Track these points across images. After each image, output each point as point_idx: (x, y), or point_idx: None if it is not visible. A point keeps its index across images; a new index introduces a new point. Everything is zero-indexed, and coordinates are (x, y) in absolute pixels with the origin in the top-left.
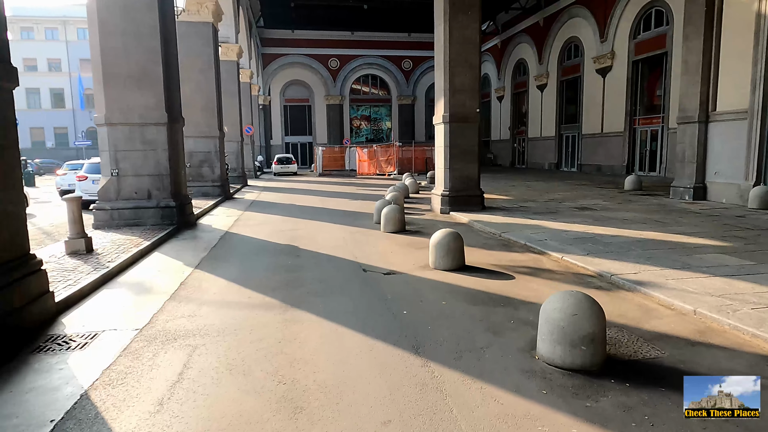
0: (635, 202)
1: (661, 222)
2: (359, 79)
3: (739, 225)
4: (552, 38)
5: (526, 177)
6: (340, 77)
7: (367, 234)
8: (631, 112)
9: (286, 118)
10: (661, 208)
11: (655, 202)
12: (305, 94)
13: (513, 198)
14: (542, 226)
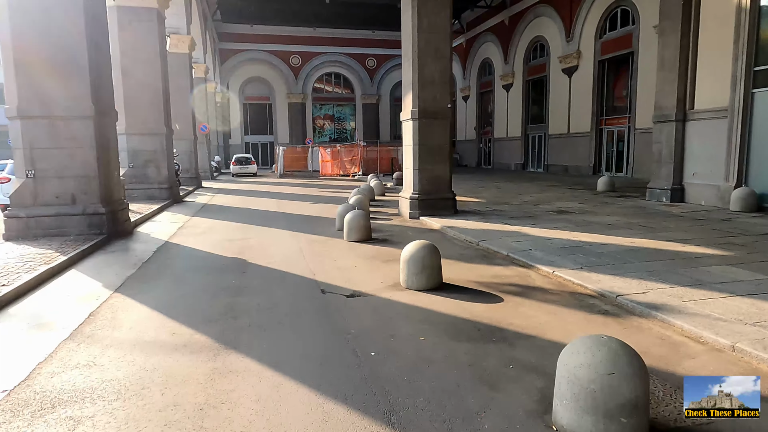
0: (612, 204)
1: (647, 227)
2: (322, 77)
3: (729, 230)
4: (517, 37)
5: (494, 178)
6: (302, 75)
7: (328, 244)
8: (598, 112)
9: (246, 116)
10: (641, 211)
11: (632, 204)
12: (266, 91)
13: (485, 200)
14: (522, 232)
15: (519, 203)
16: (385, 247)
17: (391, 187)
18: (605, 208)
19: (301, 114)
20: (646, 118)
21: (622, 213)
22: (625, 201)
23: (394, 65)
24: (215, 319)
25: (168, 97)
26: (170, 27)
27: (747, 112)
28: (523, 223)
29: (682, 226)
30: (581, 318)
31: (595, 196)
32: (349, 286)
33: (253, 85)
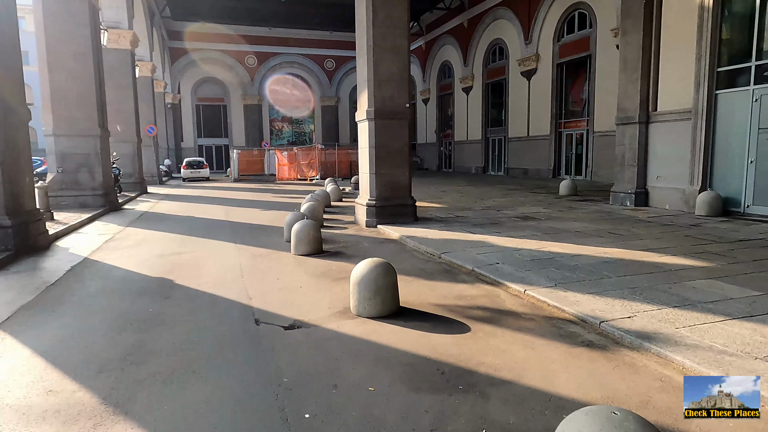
0: (577, 209)
1: (616, 234)
2: (279, 79)
3: (701, 237)
4: (477, 40)
5: (455, 181)
6: (258, 76)
7: (273, 258)
8: (557, 115)
9: (199, 118)
10: (607, 216)
11: (597, 209)
12: (220, 93)
13: (447, 206)
14: (487, 242)
15: (482, 209)
16: (337, 261)
17: (349, 191)
18: (570, 213)
19: (257, 116)
20: (604, 121)
21: (589, 218)
22: (588, 205)
23: (353, 67)
24: (112, 366)
25: (103, 95)
26: (109, 21)
27: (711, 114)
28: (488, 232)
29: (652, 232)
30: (563, 352)
31: (558, 200)
32: (290, 314)
33: (207, 85)
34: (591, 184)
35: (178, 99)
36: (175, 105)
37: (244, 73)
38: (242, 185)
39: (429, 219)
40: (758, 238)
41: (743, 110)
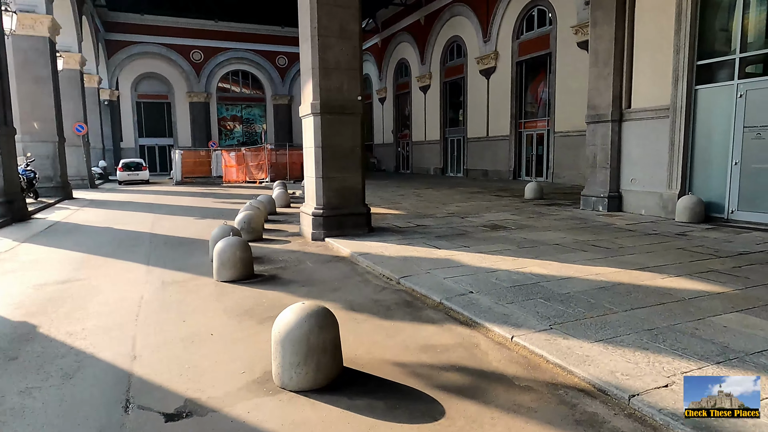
0: (548, 215)
1: (599, 247)
2: (228, 75)
3: (695, 249)
4: (434, 37)
5: (413, 184)
6: (205, 72)
7: (187, 287)
8: (517, 115)
9: (140, 116)
10: (582, 224)
11: (569, 214)
12: (163, 89)
13: (405, 213)
14: (455, 260)
15: (444, 215)
16: (269, 290)
17: (299, 195)
18: (542, 220)
19: (204, 115)
20: (565, 121)
21: (564, 227)
22: (559, 211)
23: None
24: None
25: (5, 87)
26: (22, 4)
27: (690, 111)
28: (455, 245)
29: (639, 244)
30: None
31: (525, 204)
32: (184, 387)
33: (149, 81)
34: (554, 187)
35: (117, 95)
36: (113, 102)
37: (190, 68)
38: (184, 189)
39: (386, 229)
40: (759, 251)
41: (726, 107)
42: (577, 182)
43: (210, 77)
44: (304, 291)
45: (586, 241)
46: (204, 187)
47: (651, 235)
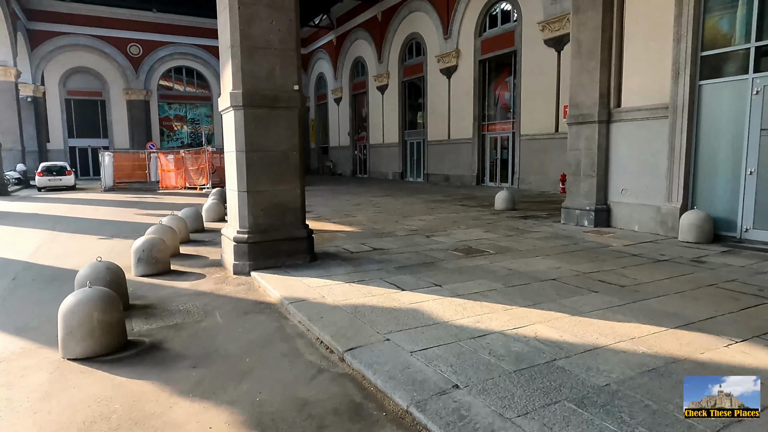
0: (528, 233)
1: (612, 284)
2: (171, 72)
3: (731, 287)
4: (392, 34)
5: (371, 190)
6: (145, 68)
7: (7, 371)
8: (480, 117)
9: (71, 115)
10: (572, 245)
11: (551, 231)
12: (97, 85)
13: (360, 229)
14: (426, 312)
15: (406, 233)
16: (137, 379)
17: None
18: (523, 240)
19: (144, 114)
20: (532, 123)
21: (552, 250)
22: (537, 225)
23: None
24: None
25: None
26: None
27: (693, 110)
28: (422, 283)
29: (658, 278)
30: None
31: (497, 217)
32: None
33: (80, 77)
34: (521, 193)
35: (42, 91)
36: (37, 98)
37: (127, 63)
38: (111, 197)
39: (333, 256)
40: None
41: (738, 106)
42: (546, 188)
43: (150, 73)
44: (193, 380)
45: (589, 275)
46: (136, 194)
47: (662, 263)
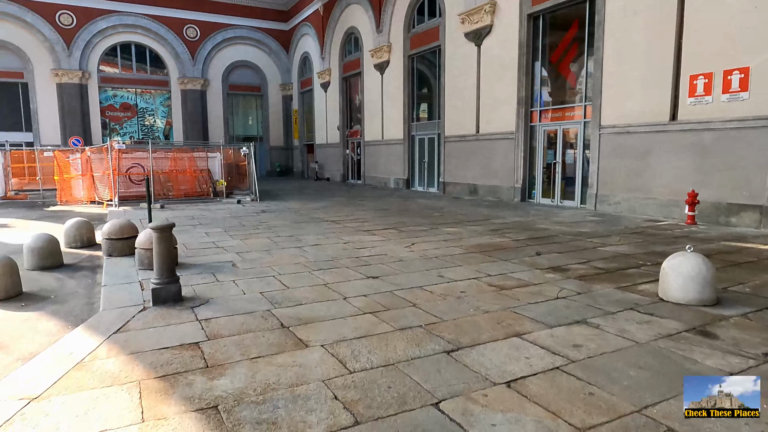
0: None
1: None
2: (115, 49)
3: None
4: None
5: (362, 210)
6: (80, 42)
7: None
8: (527, 100)
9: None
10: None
11: None
12: (16, 64)
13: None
14: None
15: None
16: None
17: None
18: None
19: (79, 101)
20: (619, 107)
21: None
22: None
23: (228, 38)
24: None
25: None
26: None
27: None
28: None
29: None
30: None
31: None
32: None
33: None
34: (605, 220)
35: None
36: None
37: (56, 37)
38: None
39: None
40: None
41: None
42: (648, 212)
43: (87, 50)
44: None
45: None
46: (24, 209)
47: None
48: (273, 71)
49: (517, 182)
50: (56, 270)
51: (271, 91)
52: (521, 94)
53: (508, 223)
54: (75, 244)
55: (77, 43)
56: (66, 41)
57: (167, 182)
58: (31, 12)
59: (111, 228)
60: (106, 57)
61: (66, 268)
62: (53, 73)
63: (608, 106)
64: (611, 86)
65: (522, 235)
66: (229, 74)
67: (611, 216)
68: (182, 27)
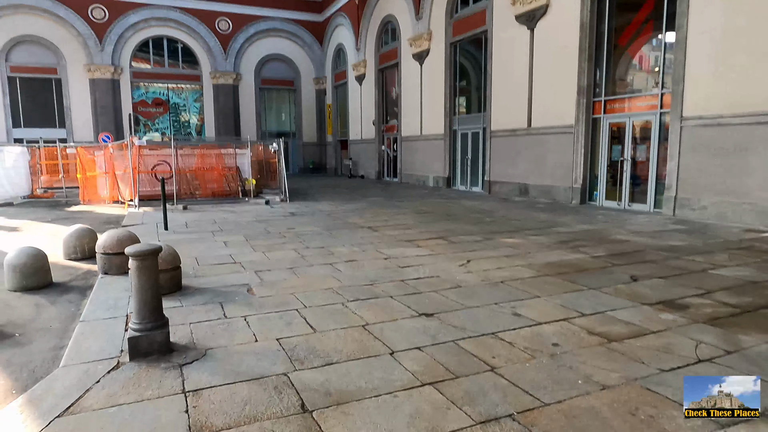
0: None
1: None
2: (147, 44)
3: None
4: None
5: (401, 212)
6: (112, 37)
7: None
8: (590, 88)
9: (16, 97)
10: None
11: None
12: (50, 60)
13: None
14: None
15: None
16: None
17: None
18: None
19: (112, 97)
20: (712, 92)
21: None
22: None
23: (260, 30)
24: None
25: None
26: None
27: None
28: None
29: None
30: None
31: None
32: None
33: (28, 48)
34: (692, 229)
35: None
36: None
37: (89, 31)
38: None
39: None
40: None
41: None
42: (745, 220)
43: (119, 44)
44: None
45: None
46: (46, 210)
47: None
48: (306, 64)
49: (576, 182)
50: (41, 291)
51: (304, 85)
52: (582, 82)
53: (577, 233)
54: (75, 255)
55: (109, 38)
56: (98, 36)
57: (194, 180)
58: (64, 6)
59: (108, 240)
60: (138, 52)
61: (53, 288)
62: (86, 69)
63: (693, 93)
64: (697, 71)
65: (600, 250)
66: (261, 68)
67: (697, 224)
68: (214, 19)
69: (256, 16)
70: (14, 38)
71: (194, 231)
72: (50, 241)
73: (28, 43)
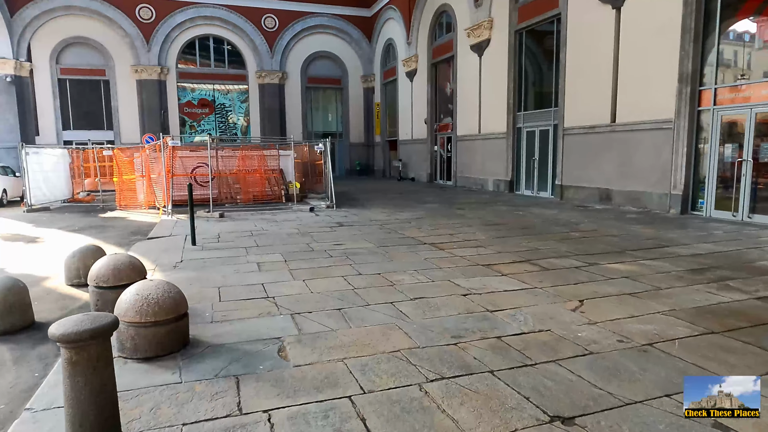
0: None
1: None
2: (193, 45)
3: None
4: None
5: (471, 227)
6: (159, 37)
7: None
8: (695, 76)
9: (66, 99)
10: None
11: None
12: (99, 61)
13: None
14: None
15: None
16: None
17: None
18: None
19: (159, 98)
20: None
21: None
22: None
23: (307, 27)
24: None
25: None
26: None
27: None
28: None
29: None
30: None
31: None
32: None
33: (77, 50)
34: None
35: (28, 69)
36: (21, 79)
37: (136, 32)
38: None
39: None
40: None
41: None
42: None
43: (166, 44)
44: None
45: None
46: (80, 216)
47: None
48: (354, 62)
49: (675, 187)
50: (15, 336)
51: (351, 84)
52: (685, 68)
53: (704, 256)
54: (78, 280)
55: (156, 38)
56: (145, 36)
57: (235, 184)
58: (113, 7)
59: (103, 269)
60: (183, 54)
61: (32, 332)
62: (133, 69)
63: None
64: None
65: (758, 285)
66: (308, 66)
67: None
68: (260, 17)
69: (303, 12)
70: (65, 40)
71: (226, 247)
72: (64, 258)
73: (78, 45)
